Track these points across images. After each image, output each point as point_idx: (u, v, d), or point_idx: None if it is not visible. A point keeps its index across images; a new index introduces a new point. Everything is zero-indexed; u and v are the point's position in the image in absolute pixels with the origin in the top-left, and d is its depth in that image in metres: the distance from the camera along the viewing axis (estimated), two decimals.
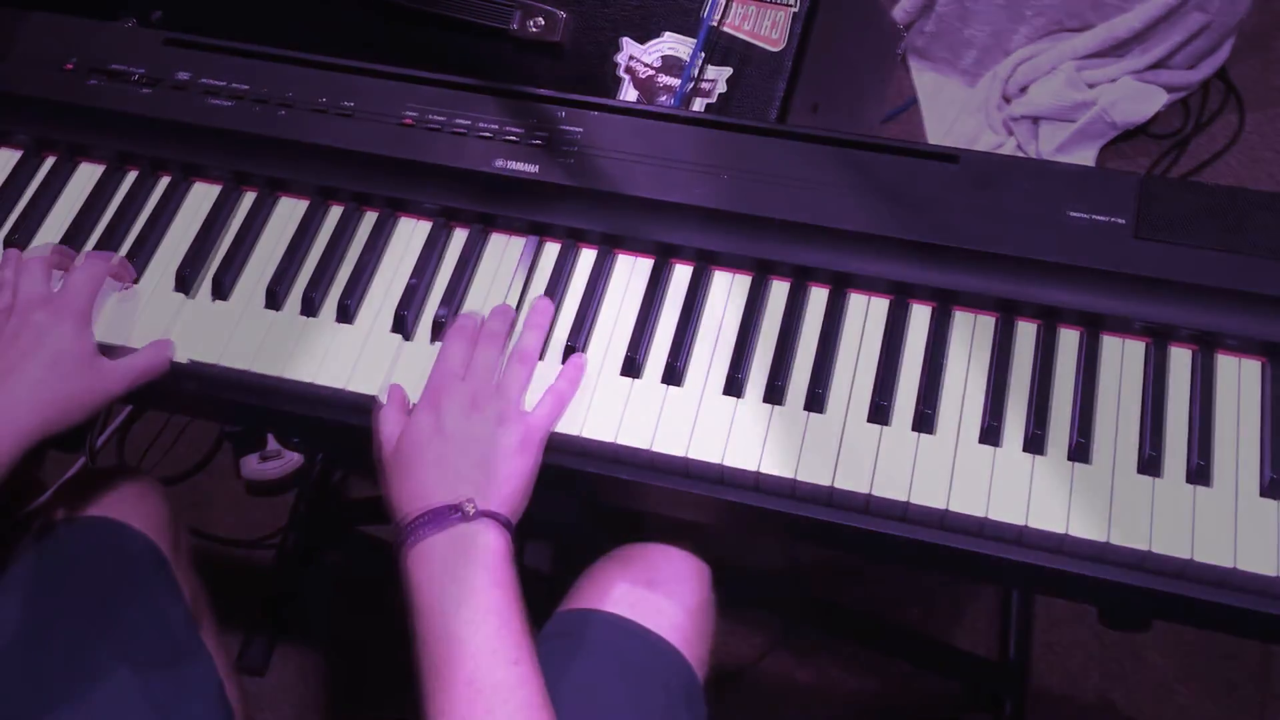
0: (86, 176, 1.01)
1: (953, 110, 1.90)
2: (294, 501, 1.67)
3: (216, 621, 1.10)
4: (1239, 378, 0.84)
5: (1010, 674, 1.46)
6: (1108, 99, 1.78)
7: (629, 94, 1.06)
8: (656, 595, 0.91)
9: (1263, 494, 0.80)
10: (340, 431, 0.90)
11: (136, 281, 0.95)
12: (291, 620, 1.58)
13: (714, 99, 1.05)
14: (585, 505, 1.23)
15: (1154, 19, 1.74)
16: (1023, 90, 1.84)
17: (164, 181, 1.00)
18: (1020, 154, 1.84)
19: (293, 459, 1.68)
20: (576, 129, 0.95)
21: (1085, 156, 1.81)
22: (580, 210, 0.94)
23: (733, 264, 0.92)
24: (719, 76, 1.05)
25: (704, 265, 0.92)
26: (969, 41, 1.88)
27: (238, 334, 0.91)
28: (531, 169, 0.94)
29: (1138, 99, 1.78)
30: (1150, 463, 0.81)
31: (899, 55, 1.47)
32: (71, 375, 0.84)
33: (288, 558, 1.61)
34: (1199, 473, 0.80)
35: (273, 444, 1.67)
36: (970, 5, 1.83)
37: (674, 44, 1.06)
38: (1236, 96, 1.90)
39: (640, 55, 1.06)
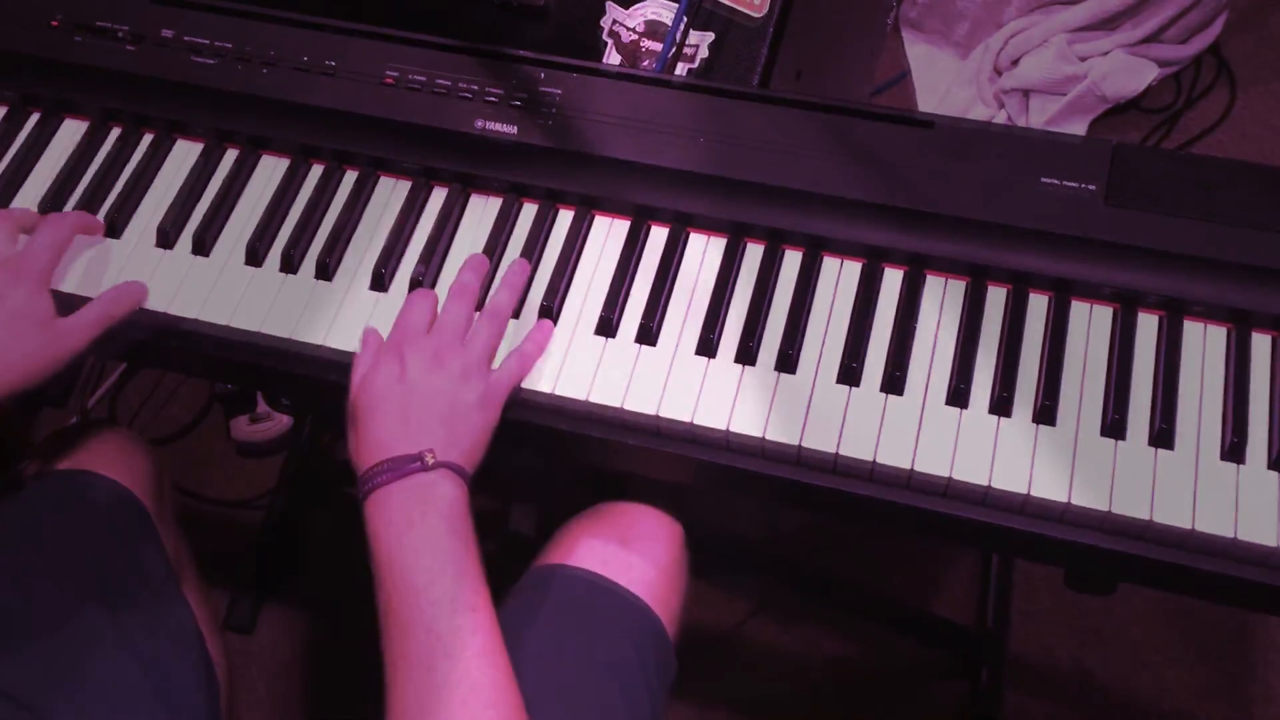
0: (71, 133, 1.02)
1: (945, 82, 1.90)
2: (283, 463, 1.68)
3: (200, 577, 1.12)
4: (1204, 343, 0.85)
5: (988, 642, 1.48)
6: (1099, 72, 1.78)
7: (613, 58, 1.06)
8: (628, 552, 0.92)
9: (1223, 458, 0.81)
10: (318, 388, 0.91)
11: (118, 236, 0.95)
12: (279, 580, 1.60)
13: (696, 64, 1.06)
14: (571, 471, 1.25)
15: None
16: (1014, 63, 1.84)
17: (148, 139, 1.01)
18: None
19: (283, 421, 1.69)
20: (556, 91, 0.96)
21: (1075, 130, 1.81)
22: (559, 172, 0.95)
23: (709, 226, 0.93)
24: (702, 42, 1.06)
25: (680, 227, 0.93)
26: (961, 14, 1.88)
27: (217, 290, 0.92)
28: (511, 130, 0.95)
29: (1129, 73, 1.79)
30: (1114, 425, 0.82)
31: (889, 26, 1.47)
32: (27, 336, 0.85)
33: (276, 518, 1.63)
34: (1162, 436, 0.82)
35: (263, 406, 1.69)
36: None
37: (658, 9, 1.07)
38: (1229, 72, 1.90)
39: (624, 20, 1.07)
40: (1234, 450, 0.80)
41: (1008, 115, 1.85)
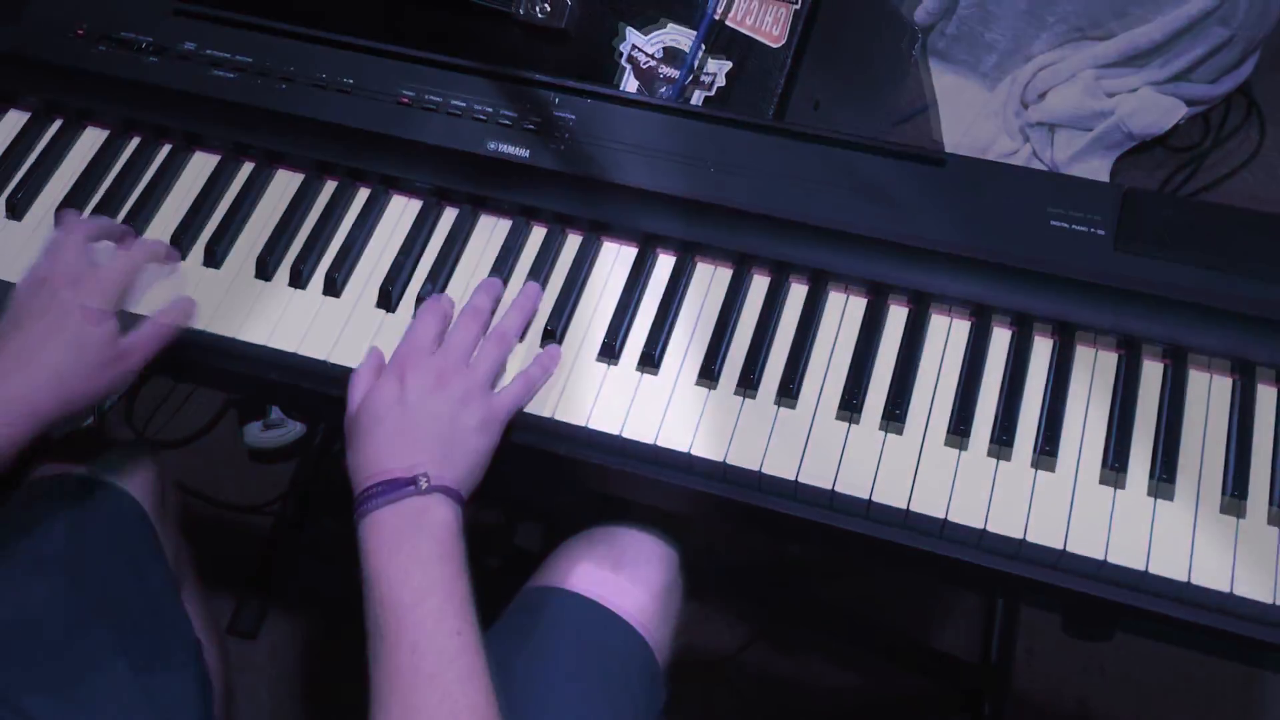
0: (91, 140, 1.03)
1: (970, 113, 1.89)
2: (295, 470, 1.69)
3: (201, 584, 1.13)
4: (1209, 394, 0.85)
5: (991, 678, 1.47)
6: (1126, 109, 1.77)
7: (630, 83, 1.07)
8: (621, 577, 0.92)
9: (1223, 511, 0.80)
10: (324, 402, 0.92)
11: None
12: (285, 586, 1.61)
13: (713, 92, 1.06)
14: (573, 492, 1.25)
15: (1176, 31, 1.73)
16: (1041, 96, 1.83)
17: (165, 149, 1.02)
18: (1035, 160, 1.83)
19: (295, 428, 1.70)
20: (570, 116, 0.96)
21: (1100, 166, 1.80)
22: (569, 196, 0.95)
23: (716, 256, 0.94)
24: (719, 70, 1.06)
25: (687, 256, 0.94)
26: (990, 45, 1.87)
27: (226, 302, 0.93)
28: (523, 153, 0.95)
29: (1156, 111, 1.77)
30: (1114, 474, 0.81)
31: (914, 57, 1.47)
32: (90, 358, 0.85)
33: (285, 524, 1.64)
34: (1162, 487, 0.81)
35: (276, 413, 1.70)
36: (992, 9, 1.82)
37: (676, 35, 1.07)
38: (1258, 112, 1.89)
39: (643, 45, 1.07)
40: (1234, 505, 0.80)
41: (1033, 149, 1.84)
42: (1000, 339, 0.88)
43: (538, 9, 1.07)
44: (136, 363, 0.87)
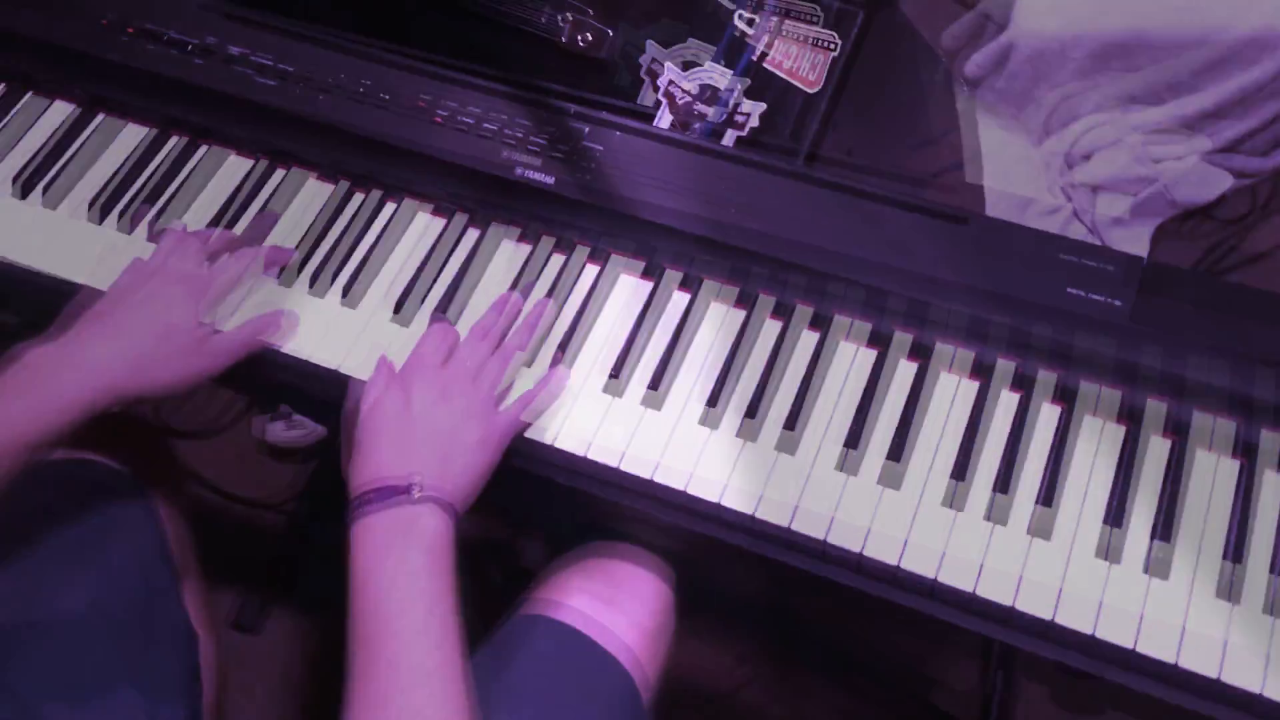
0: (133, 135, 1.06)
1: (1014, 168, 1.88)
2: (313, 470, 1.71)
3: (204, 576, 1.13)
4: (1214, 476, 0.84)
5: None
6: (1171, 176, 1.75)
7: (665, 118, 1.07)
8: (612, 611, 0.92)
9: (1218, 595, 0.79)
10: (330, 408, 0.92)
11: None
12: (292, 585, 1.62)
13: (746, 133, 1.07)
14: (574, 516, 1.25)
15: (1229, 101, 1.71)
16: (1086, 157, 1.82)
17: (203, 149, 1.04)
18: (1076, 221, 1.82)
19: (317, 429, 1.72)
20: (598, 147, 0.97)
21: (1141, 232, 1.78)
22: (589, 225, 0.96)
23: (729, 296, 0.94)
24: (754, 111, 1.07)
25: (701, 293, 0.94)
26: (1039, 102, 1.86)
27: (246, 305, 0.94)
28: (548, 180, 0.96)
29: (1202, 180, 1.75)
30: (1110, 549, 0.81)
31: (959, 109, 1.47)
32: (177, 350, 0.87)
33: (297, 523, 1.65)
34: (1157, 566, 0.80)
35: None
36: (1043, 67, 1.81)
37: (714, 73, 1.08)
38: None
39: (680, 81, 1.08)
40: (1231, 589, 0.78)
41: (1074, 209, 1.83)
42: (1007, 401, 0.88)
43: (579, 38, 1.08)
44: (219, 364, 0.89)
